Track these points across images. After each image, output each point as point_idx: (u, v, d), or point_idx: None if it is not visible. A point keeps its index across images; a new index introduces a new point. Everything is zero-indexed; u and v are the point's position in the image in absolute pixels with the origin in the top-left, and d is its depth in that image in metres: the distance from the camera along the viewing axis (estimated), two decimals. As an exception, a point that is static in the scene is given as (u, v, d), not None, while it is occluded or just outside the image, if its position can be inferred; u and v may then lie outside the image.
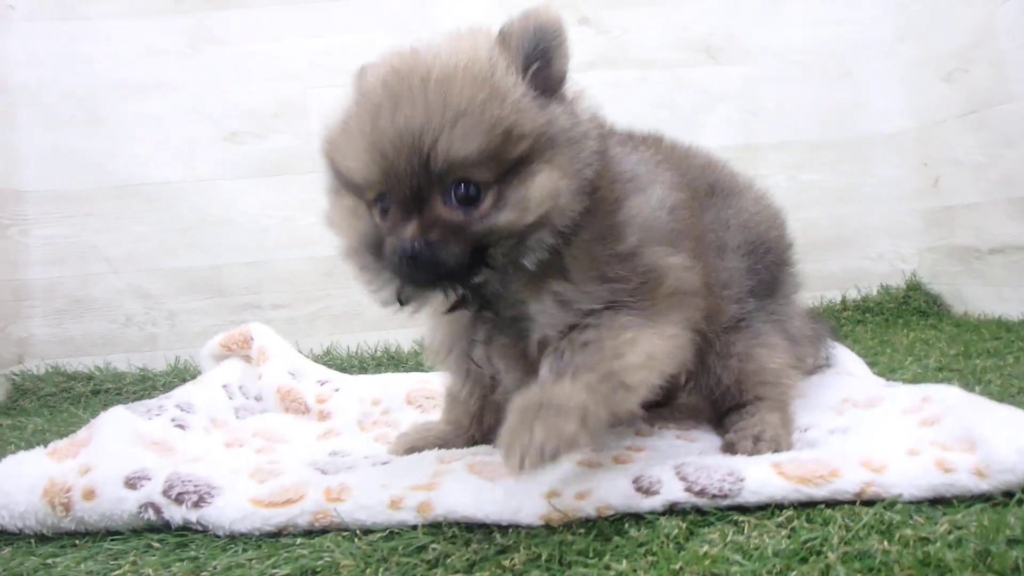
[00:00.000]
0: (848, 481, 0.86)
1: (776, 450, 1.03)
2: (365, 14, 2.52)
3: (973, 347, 1.84)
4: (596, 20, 2.59)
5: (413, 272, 0.85)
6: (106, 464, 0.94)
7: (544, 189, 0.85)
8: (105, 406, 1.97)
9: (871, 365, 1.64)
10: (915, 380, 1.54)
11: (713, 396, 1.15)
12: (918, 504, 0.84)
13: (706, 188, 1.20)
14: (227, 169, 2.48)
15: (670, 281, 0.94)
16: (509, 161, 0.84)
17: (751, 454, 1.01)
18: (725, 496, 0.85)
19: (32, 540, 0.93)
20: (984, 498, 0.84)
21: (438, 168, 0.83)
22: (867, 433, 1.03)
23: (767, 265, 1.20)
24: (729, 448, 1.07)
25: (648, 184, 1.00)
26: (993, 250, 2.34)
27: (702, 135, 2.60)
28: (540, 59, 0.88)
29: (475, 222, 0.85)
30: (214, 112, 2.48)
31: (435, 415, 1.32)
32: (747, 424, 1.09)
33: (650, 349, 0.89)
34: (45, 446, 1.04)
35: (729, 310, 1.13)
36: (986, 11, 2.24)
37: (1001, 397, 1.32)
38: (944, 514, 0.81)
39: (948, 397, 1.06)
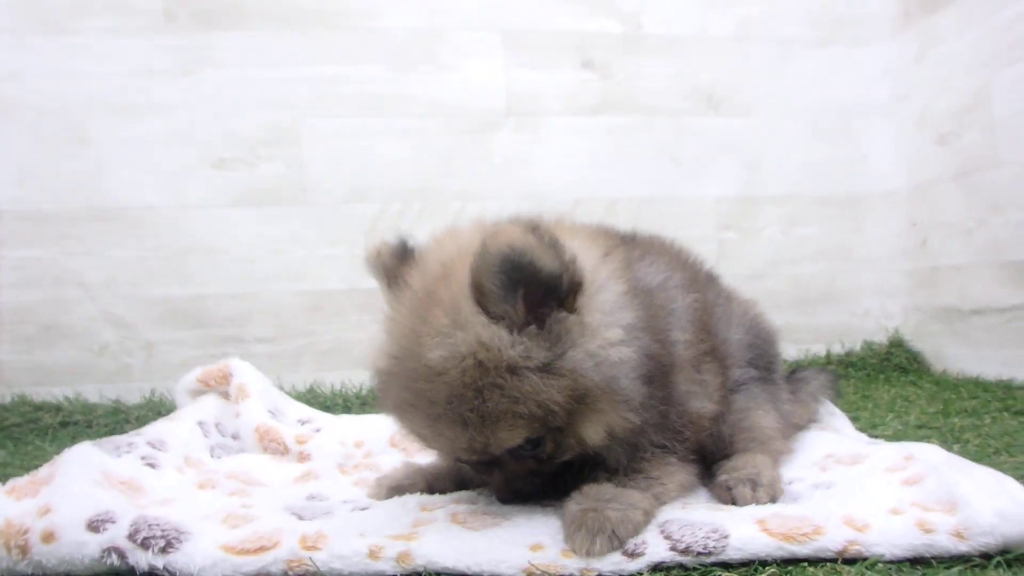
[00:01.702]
0: (831, 539, 0.86)
1: (773, 497, 1.04)
2: (365, 45, 2.48)
3: (952, 406, 1.86)
4: (601, 65, 2.59)
5: (509, 502, 1.00)
6: (68, 505, 0.89)
7: (591, 433, 0.92)
8: (73, 439, 1.90)
9: (853, 420, 1.65)
10: (896, 437, 1.56)
11: (710, 450, 1.17)
12: (899, 564, 0.85)
13: (707, 275, 1.33)
14: (215, 196, 2.41)
15: (703, 430, 1.10)
16: (554, 421, 0.89)
17: (750, 501, 1.02)
18: (709, 553, 0.85)
19: (-14, 584, 0.89)
20: (963, 559, 0.84)
21: (499, 454, 0.92)
22: (851, 490, 1.03)
23: (765, 348, 1.31)
24: (722, 491, 1.07)
25: (672, 301, 1.08)
26: (975, 311, 2.38)
27: (702, 185, 2.66)
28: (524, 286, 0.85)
29: (545, 463, 0.96)
30: (203, 136, 2.41)
31: (420, 458, 1.30)
32: (739, 464, 1.11)
33: (683, 481, 1.06)
34: (4, 482, 0.99)
35: (732, 375, 1.21)
36: (982, 77, 2.30)
37: (978, 457, 1.34)
38: (923, 574, 0.82)
39: (930, 456, 1.07)
